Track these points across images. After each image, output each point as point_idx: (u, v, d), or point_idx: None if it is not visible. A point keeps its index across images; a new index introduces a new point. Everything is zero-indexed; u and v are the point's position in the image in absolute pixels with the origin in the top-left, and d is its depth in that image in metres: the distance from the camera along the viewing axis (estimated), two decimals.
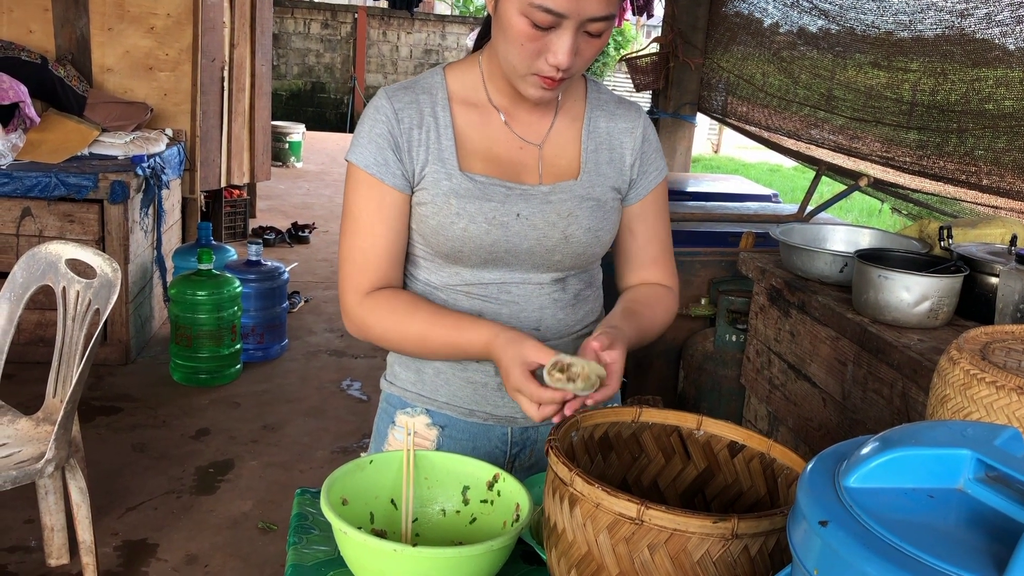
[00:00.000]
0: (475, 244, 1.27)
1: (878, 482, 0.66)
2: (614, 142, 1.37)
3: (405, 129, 1.28)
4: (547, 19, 1.14)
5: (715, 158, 13.86)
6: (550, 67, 1.18)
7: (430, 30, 14.81)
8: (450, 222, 1.27)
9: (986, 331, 1.22)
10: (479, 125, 1.32)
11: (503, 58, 1.23)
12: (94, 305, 2.38)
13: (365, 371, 4.31)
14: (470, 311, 1.32)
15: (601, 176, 1.35)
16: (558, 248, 1.31)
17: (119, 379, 3.93)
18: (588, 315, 1.41)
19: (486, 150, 1.31)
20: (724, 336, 3.08)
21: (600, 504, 0.84)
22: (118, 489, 3.03)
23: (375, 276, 1.31)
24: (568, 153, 1.35)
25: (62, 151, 4.07)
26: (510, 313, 1.32)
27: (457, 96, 1.32)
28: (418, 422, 1.39)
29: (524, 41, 1.17)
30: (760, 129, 4.20)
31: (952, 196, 3.00)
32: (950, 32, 2.87)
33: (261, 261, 4.32)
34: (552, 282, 1.34)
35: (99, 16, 4.71)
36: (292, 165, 10.19)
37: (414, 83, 1.33)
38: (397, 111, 1.29)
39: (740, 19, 4.46)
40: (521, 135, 1.33)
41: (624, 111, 1.40)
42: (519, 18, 1.15)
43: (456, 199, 1.26)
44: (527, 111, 1.33)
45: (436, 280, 1.34)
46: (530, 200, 1.29)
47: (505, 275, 1.32)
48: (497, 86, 1.32)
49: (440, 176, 1.28)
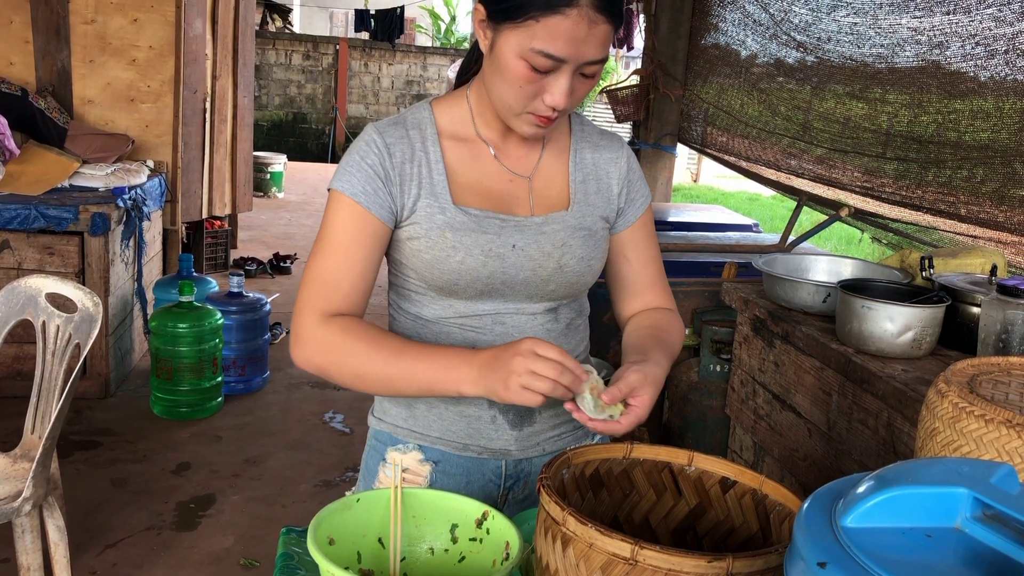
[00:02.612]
0: (471, 276, 1.27)
1: (875, 522, 0.66)
2: (600, 172, 1.40)
3: (397, 163, 1.28)
4: (547, 64, 1.15)
5: (694, 187, 13.96)
6: (546, 107, 1.20)
7: (411, 61, 14.90)
8: (446, 255, 1.26)
9: (972, 363, 1.23)
10: (469, 159, 1.32)
11: (497, 97, 1.23)
12: (74, 340, 2.35)
13: (347, 403, 4.28)
14: (463, 343, 1.32)
15: (590, 206, 1.37)
16: (552, 278, 1.32)
17: (98, 413, 3.88)
18: (579, 344, 1.42)
19: (477, 183, 1.31)
20: (708, 366, 3.09)
21: (593, 544, 0.83)
22: (97, 526, 2.98)
23: (341, 299, 1.25)
24: (557, 184, 1.36)
25: (42, 183, 4.04)
26: (502, 343, 1.31)
27: (446, 131, 1.33)
28: (410, 458, 1.37)
29: (522, 84, 1.18)
30: (739, 159, 4.24)
31: (931, 226, 3.03)
32: (926, 64, 2.92)
33: (243, 292, 4.29)
34: (545, 312, 1.35)
35: (80, 48, 4.71)
36: (274, 195, 10.18)
37: (402, 119, 1.33)
38: (388, 145, 1.28)
39: (718, 51, 4.52)
40: (511, 168, 1.34)
41: (607, 142, 1.43)
42: (518, 61, 1.16)
43: (451, 232, 1.26)
44: (515, 145, 1.34)
45: (428, 313, 1.34)
46: (525, 231, 1.30)
47: (499, 306, 1.32)
48: (486, 120, 1.33)
49: (434, 210, 1.27)
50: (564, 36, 1.13)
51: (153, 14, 4.80)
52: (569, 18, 1.12)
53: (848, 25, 3.28)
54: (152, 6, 4.79)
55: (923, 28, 2.89)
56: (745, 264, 3.09)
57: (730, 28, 4.37)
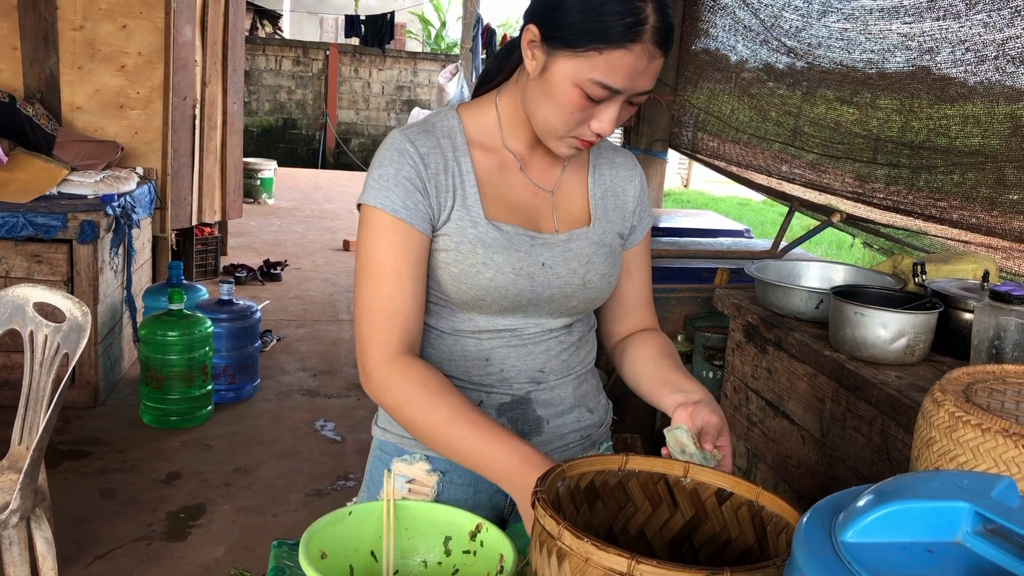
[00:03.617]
0: (499, 294, 1.27)
1: (876, 536, 0.65)
2: (617, 189, 1.41)
3: (432, 174, 1.25)
4: (602, 94, 1.16)
5: (685, 192, 14.00)
6: (591, 133, 1.21)
7: (402, 67, 14.90)
8: (476, 271, 1.25)
9: (968, 371, 1.22)
10: (497, 171, 1.31)
11: (542, 119, 1.22)
12: (63, 350, 2.33)
13: (339, 411, 4.26)
14: (477, 356, 1.32)
15: (609, 223, 1.38)
16: (576, 294, 1.33)
17: (87, 422, 3.85)
18: (587, 357, 1.43)
19: (504, 196, 1.30)
20: (701, 373, 3.08)
21: (589, 559, 0.82)
22: (85, 537, 2.95)
23: (403, 329, 1.22)
24: (578, 200, 1.37)
25: (30, 190, 4.01)
26: (517, 356, 1.33)
27: (474, 141, 1.31)
28: (417, 469, 1.36)
29: (573, 111, 1.18)
30: (730, 164, 4.25)
31: (923, 231, 3.04)
32: (917, 70, 2.92)
33: (233, 300, 4.27)
34: (562, 327, 1.36)
35: (69, 55, 4.69)
36: (264, 202, 10.15)
37: (431, 126, 1.30)
38: (423, 155, 1.26)
39: (709, 56, 4.52)
40: (535, 181, 1.34)
41: (623, 159, 1.44)
42: (573, 89, 1.16)
43: (483, 249, 1.25)
44: (540, 157, 1.34)
45: (445, 326, 1.32)
46: (553, 249, 1.30)
47: (519, 321, 1.32)
48: (515, 132, 1.32)
49: (465, 224, 1.26)
50: (624, 69, 1.14)
51: (142, 20, 4.78)
52: (632, 53, 1.13)
53: (839, 30, 3.29)
54: (141, 12, 4.77)
55: (913, 34, 2.89)
56: (737, 270, 3.09)
57: (720, 33, 4.38)
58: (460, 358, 1.33)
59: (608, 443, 1.51)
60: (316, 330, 5.55)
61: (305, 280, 6.81)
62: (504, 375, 1.33)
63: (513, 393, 1.34)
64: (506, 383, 1.34)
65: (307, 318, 5.81)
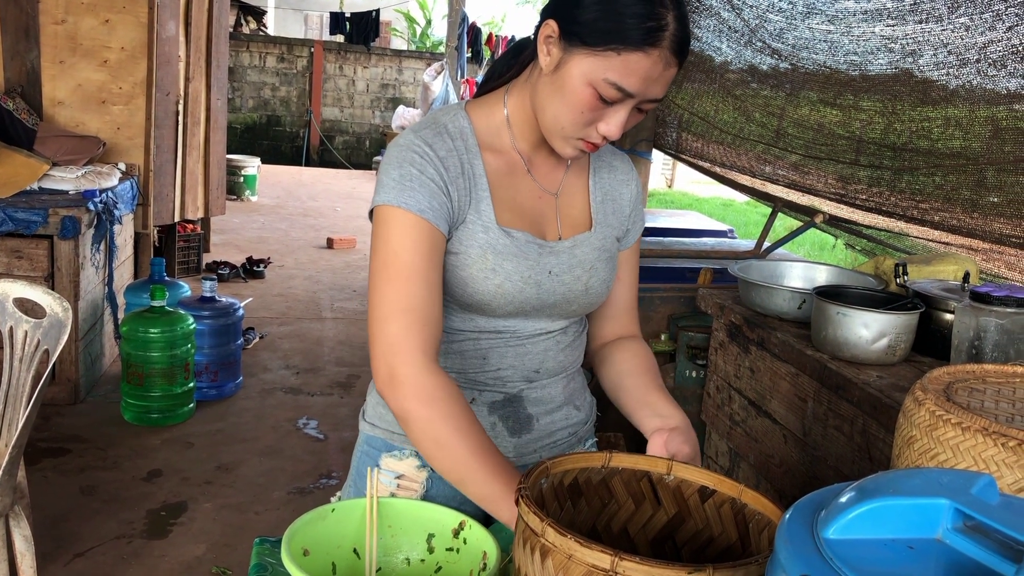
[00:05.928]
0: (506, 300, 1.27)
1: (857, 533, 0.65)
2: (615, 193, 1.42)
3: (452, 177, 1.24)
4: (615, 96, 1.16)
5: (669, 192, 14.05)
6: (598, 135, 1.21)
7: (387, 65, 14.87)
8: (484, 277, 1.25)
9: (948, 371, 1.23)
10: (506, 174, 1.30)
11: (552, 116, 1.22)
12: (43, 346, 2.31)
13: (321, 409, 4.25)
14: (475, 355, 1.32)
15: (608, 227, 1.39)
16: (578, 299, 1.34)
17: (67, 419, 3.82)
18: (579, 356, 1.44)
19: (512, 200, 1.30)
20: (684, 372, 3.09)
21: (573, 556, 0.82)
22: (65, 535, 2.93)
23: (433, 332, 1.19)
24: (579, 203, 1.37)
25: (10, 185, 3.98)
26: (515, 356, 1.33)
27: (484, 142, 1.30)
28: (407, 465, 1.35)
29: (584, 110, 1.18)
30: (713, 165, 4.26)
31: (904, 232, 3.06)
32: (899, 72, 2.94)
33: (215, 297, 4.25)
34: (559, 329, 1.37)
35: (50, 49, 4.65)
36: (247, 199, 10.11)
37: (442, 126, 1.28)
38: (442, 158, 1.24)
39: (693, 57, 4.53)
40: (540, 183, 1.34)
41: (620, 162, 1.45)
42: (586, 88, 1.16)
43: (493, 255, 1.24)
44: (544, 158, 1.34)
45: (444, 324, 1.30)
46: (559, 256, 1.31)
47: (520, 324, 1.32)
48: (523, 132, 1.31)
49: (476, 228, 1.25)
50: (640, 73, 1.14)
51: (125, 15, 4.74)
52: (650, 57, 1.13)
53: (822, 32, 3.31)
54: (124, 7, 4.73)
55: (896, 36, 2.91)
56: (720, 270, 3.10)
57: (705, 34, 4.39)
58: (457, 355, 1.32)
59: (593, 440, 1.52)
60: (299, 328, 5.53)
61: (288, 278, 6.79)
62: (500, 374, 1.33)
63: (506, 391, 1.35)
64: (500, 382, 1.34)
65: (290, 316, 5.78)
